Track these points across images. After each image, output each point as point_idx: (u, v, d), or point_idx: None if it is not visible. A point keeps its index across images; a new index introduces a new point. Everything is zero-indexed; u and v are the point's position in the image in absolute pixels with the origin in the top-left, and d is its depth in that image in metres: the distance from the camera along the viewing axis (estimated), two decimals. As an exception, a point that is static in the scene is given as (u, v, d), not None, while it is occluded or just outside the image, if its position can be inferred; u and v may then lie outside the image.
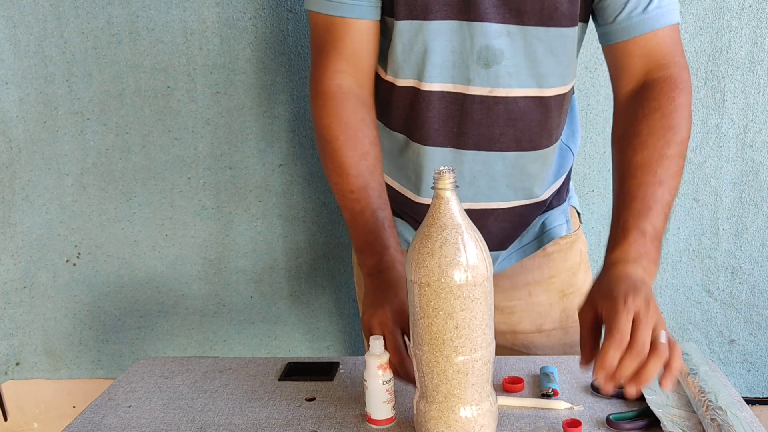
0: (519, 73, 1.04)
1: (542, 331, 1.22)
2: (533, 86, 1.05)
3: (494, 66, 1.03)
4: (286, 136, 1.64)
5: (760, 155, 1.57)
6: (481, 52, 1.02)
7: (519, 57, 1.03)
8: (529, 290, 1.22)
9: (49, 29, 1.60)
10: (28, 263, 1.75)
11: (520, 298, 1.22)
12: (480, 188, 1.11)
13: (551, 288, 1.22)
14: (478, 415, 0.83)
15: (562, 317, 1.22)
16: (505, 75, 1.04)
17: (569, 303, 1.22)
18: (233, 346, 1.78)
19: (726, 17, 1.50)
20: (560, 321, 1.22)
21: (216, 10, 1.57)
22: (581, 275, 1.24)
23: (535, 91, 1.06)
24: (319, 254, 1.71)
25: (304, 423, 0.94)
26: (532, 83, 1.05)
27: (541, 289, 1.22)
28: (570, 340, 1.22)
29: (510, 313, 1.22)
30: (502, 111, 1.06)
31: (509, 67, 1.03)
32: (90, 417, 0.98)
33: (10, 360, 1.82)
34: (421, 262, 0.79)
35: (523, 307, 1.22)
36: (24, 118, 1.66)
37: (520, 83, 1.04)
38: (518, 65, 1.03)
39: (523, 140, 1.08)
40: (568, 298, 1.22)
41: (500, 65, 1.03)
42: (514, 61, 1.03)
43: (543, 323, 1.22)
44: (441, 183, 0.80)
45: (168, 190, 1.68)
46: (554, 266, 1.22)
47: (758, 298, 1.65)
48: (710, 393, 0.88)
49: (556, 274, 1.22)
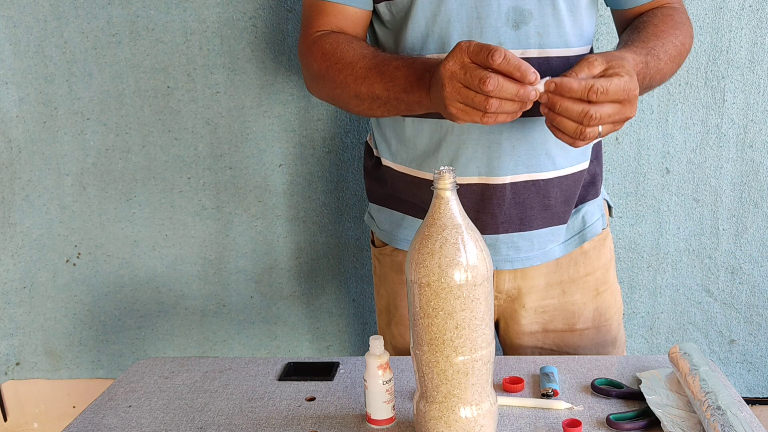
0: (548, 33, 1.04)
1: (575, 330, 1.20)
2: (561, 45, 1.05)
3: (523, 27, 1.02)
4: (286, 136, 1.64)
5: (760, 155, 1.57)
6: (510, 13, 1.02)
7: (547, 16, 1.03)
8: (563, 289, 1.19)
9: (49, 29, 1.60)
10: (28, 263, 1.75)
11: (554, 297, 1.19)
12: (520, 158, 1.07)
13: (586, 286, 1.19)
14: (478, 415, 0.83)
15: (595, 316, 1.20)
16: (535, 35, 1.03)
17: (602, 302, 1.20)
18: (233, 346, 1.78)
19: (726, 17, 1.50)
20: (593, 320, 1.20)
21: (216, 10, 1.57)
22: (611, 272, 1.23)
23: (563, 50, 1.05)
24: (319, 254, 1.71)
25: (304, 423, 0.94)
26: (560, 42, 1.05)
27: (575, 288, 1.19)
28: (602, 340, 1.21)
29: (542, 312, 1.19)
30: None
31: (538, 26, 1.03)
32: (90, 417, 0.98)
33: (10, 360, 1.82)
34: (421, 262, 0.79)
35: (556, 306, 1.19)
36: (24, 118, 1.66)
37: (549, 42, 1.04)
38: (546, 24, 1.03)
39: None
40: (601, 296, 1.20)
41: (529, 25, 1.02)
42: (543, 20, 1.03)
43: (576, 322, 1.20)
44: (441, 183, 0.80)
45: (168, 190, 1.68)
46: (590, 263, 1.19)
47: (758, 298, 1.65)
48: (710, 393, 0.87)
49: (591, 272, 1.19)
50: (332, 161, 1.65)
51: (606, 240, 1.22)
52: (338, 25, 1.10)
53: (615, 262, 1.26)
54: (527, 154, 1.07)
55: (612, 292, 1.23)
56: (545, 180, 1.10)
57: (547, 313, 1.19)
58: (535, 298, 1.18)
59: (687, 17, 1.12)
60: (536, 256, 1.14)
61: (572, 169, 1.12)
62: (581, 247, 1.19)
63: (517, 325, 1.20)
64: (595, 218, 1.19)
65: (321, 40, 1.09)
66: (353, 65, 1.03)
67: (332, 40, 1.07)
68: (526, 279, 1.16)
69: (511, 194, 1.08)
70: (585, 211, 1.19)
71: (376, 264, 1.30)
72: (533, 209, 1.10)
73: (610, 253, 1.23)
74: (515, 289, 1.17)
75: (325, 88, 1.10)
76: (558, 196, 1.12)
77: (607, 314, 1.21)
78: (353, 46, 1.05)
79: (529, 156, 1.08)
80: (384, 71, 0.99)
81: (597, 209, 1.20)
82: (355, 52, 1.04)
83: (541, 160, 1.08)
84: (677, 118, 1.57)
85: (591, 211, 1.19)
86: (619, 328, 1.24)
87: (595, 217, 1.19)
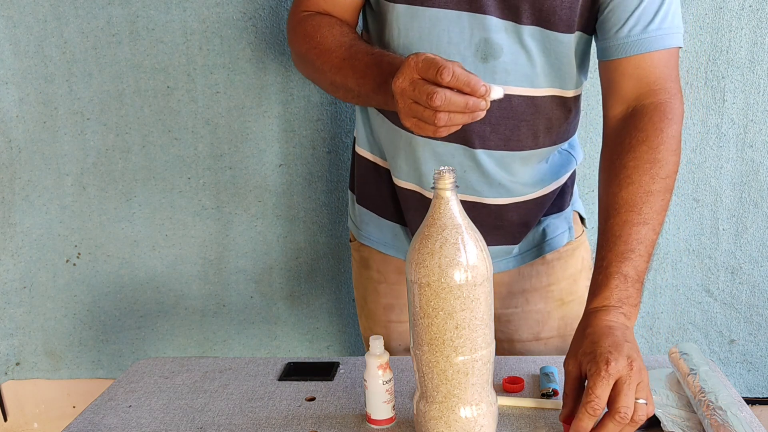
0: (516, 71, 1.02)
1: (540, 339, 1.20)
2: (527, 84, 1.04)
3: (492, 61, 1.01)
4: (286, 136, 1.64)
5: (760, 155, 1.57)
6: (480, 45, 1.01)
7: (517, 53, 1.02)
8: (527, 298, 1.19)
9: (49, 29, 1.60)
10: (28, 263, 1.75)
11: (517, 306, 1.20)
12: (470, 183, 1.09)
13: (549, 296, 1.20)
14: (478, 415, 0.83)
15: (560, 325, 1.20)
16: (502, 71, 1.02)
17: (569, 311, 1.20)
18: (233, 346, 1.78)
19: (726, 17, 1.50)
20: (558, 329, 1.20)
21: (216, 10, 1.57)
22: (582, 282, 1.21)
23: (529, 90, 1.04)
24: (319, 254, 1.71)
25: (304, 423, 0.94)
26: (526, 82, 1.04)
27: (539, 297, 1.19)
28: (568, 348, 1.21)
29: (507, 321, 1.20)
30: (495, 108, 1.03)
31: (507, 63, 1.02)
32: (90, 417, 0.98)
33: (10, 360, 1.82)
34: (421, 262, 0.79)
35: (520, 316, 1.20)
36: (24, 118, 1.66)
37: (516, 81, 1.03)
38: (516, 62, 1.02)
39: (511, 140, 1.06)
40: (567, 305, 1.20)
41: (498, 60, 1.01)
42: (512, 57, 1.02)
43: (540, 331, 1.20)
44: (441, 183, 0.80)
45: (168, 190, 1.68)
46: (553, 274, 1.19)
47: (758, 298, 1.65)
48: (710, 393, 0.87)
49: (555, 282, 1.19)
50: (332, 161, 1.65)
51: (576, 251, 1.21)
52: (326, 8, 1.09)
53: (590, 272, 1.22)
54: (477, 181, 1.08)
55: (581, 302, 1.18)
56: (497, 205, 1.11)
57: (511, 322, 1.20)
58: (497, 306, 1.17)
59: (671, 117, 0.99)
60: None
61: (534, 194, 1.12)
62: (543, 258, 1.18)
63: None
64: (559, 231, 1.18)
65: (305, 21, 1.08)
66: (330, 53, 1.01)
67: (315, 23, 1.06)
68: None
69: None
70: (547, 224, 1.18)
71: (352, 258, 1.32)
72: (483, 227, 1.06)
73: (582, 264, 1.22)
74: None
75: (306, 69, 1.11)
76: (513, 218, 1.12)
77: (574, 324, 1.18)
78: (333, 32, 1.04)
79: (480, 183, 1.08)
80: (356, 66, 0.97)
81: (563, 222, 1.19)
82: (334, 39, 1.02)
83: (494, 189, 1.09)
84: (677, 118, 1.57)
85: (554, 225, 1.18)
86: None
87: (558, 230, 1.18)
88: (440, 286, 0.79)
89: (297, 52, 1.10)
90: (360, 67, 0.97)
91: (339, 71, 0.99)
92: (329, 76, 1.01)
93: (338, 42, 1.02)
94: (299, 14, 1.10)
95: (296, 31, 1.09)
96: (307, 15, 1.09)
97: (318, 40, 1.04)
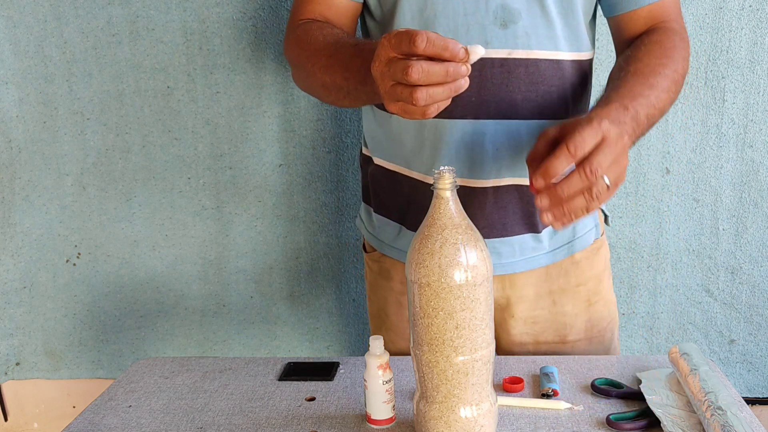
0: (537, 34, 1.01)
1: (566, 342, 1.17)
2: (550, 48, 1.02)
3: (511, 26, 1.00)
4: (286, 136, 1.64)
5: (760, 155, 1.57)
6: (498, 11, 0.99)
7: (535, 16, 1.00)
8: (554, 299, 1.15)
9: (49, 29, 1.60)
10: (28, 263, 1.75)
11: (544, 308, 1.16)
12: (504, 162, 1.05)
13: (577, 297, 1.16)
14: (478, 415, 0.83)
15: (587, 327, 1.17)
16: (523, 35, 1.00)
17: (594, 312, 1.17)
18: (233, 346, 1.78)
19: (726, 17, 1.50)
20: (585, 332, 1.17)
21: (216, 10, 1.57)
22: (606, 281, 1.19)
23: (553, 53, 1.02)
24: (319, 254, 1.71)
25: (304, 423, 0.94)
26: (549, 45, 1.02)
27: (566, 298, 1.15)
28: (595, 351, 1.18)
29: (533, 323, 1.16)
30: (523, 74, 1.01)
31: (527, 27, 1.00)
32: (90, 417, 0.98)
33: (10, 360, 1.82)
34: (421, 262, 0.79)
35: (546, 317, 1.16)
36: (24, 118, 1.66)
37: (538, 44, 1.01)
38: (535, 25, 1.00)
39: (545, 107, 1.03)
40: (593, 307, 1.17)
41: (517, 25, 1.00)
42: (531, 21, 1.00)
43: (568, 334, 1.17)
44: (441, 183, 0.80)
45: (168, 190, 1.68)
46: (581, 274, 1.15)
47: (758, 298, 1.65)
48: (710, 393, 0.87)
49: (583, 282, 1.16)
50: (332, 161, 1.65)
51: (600, 249, 1.18)
52: (323, 14, 1.08)
53: (610, 272, 1.23)
54: (511, 158, 1.04)
55: (605, 303, 1.19)
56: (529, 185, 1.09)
57: (537, 324, 1.16)
58: (524, 308, 1.15)
59: (681, 38, 1.06)
60: (518, 262, 1.11)
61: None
62: (572, 257, 1.15)
63: (507, 335, 1.17)
64: (587, 229, 1.16)
65: (298, 28, 1.06)
66: (319, 53, 0.98)
67: (307, 28, 1.04)
68: (515, 288, 1.14)
69: (493, 199, 1.06)
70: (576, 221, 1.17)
71: (367, 269, 1.28)
72: (515, 214, 1.07)
73: (605, 263, 1.20)
74: (504, 298, 1.15)
75: (299, 77, 1.08)
76: None
77: (600, 325, 1.18)
78: (323, 33, 1.01)
79: (512, 160, 1.05)
80: (342, 60, 0.93)
81: (590, 219, 1.16)
82: (324, 39, 1.00)
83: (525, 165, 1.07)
84: (677, 118, 1.57)
85: (582, 221, 1.15)
86: (612, 340, 1.21)
87: (587, 227, 1.16)
88: (440, 286, 0.79)
89: (291, 61, 1.08)
90: (345, 60, 0.92)
91: (327, 70, 0.96)
92: (320, 77, 0.98)
93: (326, 41, 0.99)
94: (295, 23, 1.09)
95: (290, 39, 1.08)
96: (302, 23, 1.07)
97: (307, 42, 1.01)
